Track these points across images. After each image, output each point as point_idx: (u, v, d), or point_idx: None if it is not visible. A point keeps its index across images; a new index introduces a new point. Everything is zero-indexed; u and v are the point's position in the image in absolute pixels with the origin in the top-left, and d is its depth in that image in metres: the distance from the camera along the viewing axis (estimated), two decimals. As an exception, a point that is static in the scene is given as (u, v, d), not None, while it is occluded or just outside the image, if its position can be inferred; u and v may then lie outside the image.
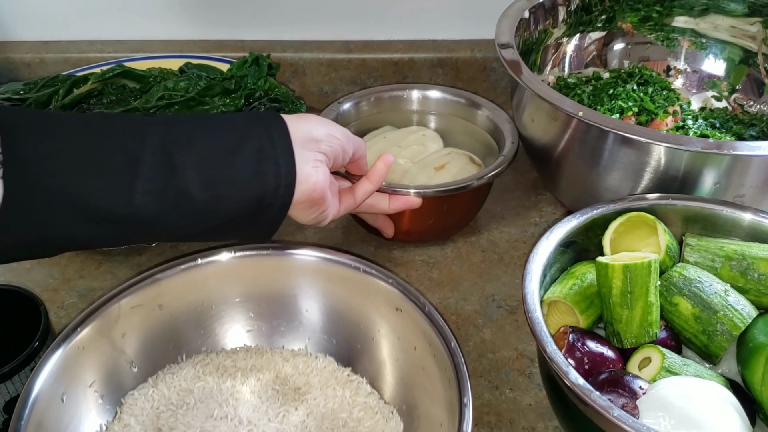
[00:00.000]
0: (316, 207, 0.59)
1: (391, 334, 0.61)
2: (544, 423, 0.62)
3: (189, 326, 0.63)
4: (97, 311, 0.58)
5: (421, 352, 0.58)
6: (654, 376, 0.52)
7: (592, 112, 0.66)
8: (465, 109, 0.88)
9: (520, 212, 0.85)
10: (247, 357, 0.63)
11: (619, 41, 0.93)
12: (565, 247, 0.60)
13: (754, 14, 0.87)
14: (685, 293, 0.56)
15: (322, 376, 0.62)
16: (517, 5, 0.83)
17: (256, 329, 0.65)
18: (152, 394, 0.59)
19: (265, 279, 0.64)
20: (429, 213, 0.75)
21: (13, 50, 1.01)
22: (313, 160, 0.57)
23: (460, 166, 0.81)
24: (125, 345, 0.60)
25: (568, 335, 0.54)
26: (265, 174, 0.54)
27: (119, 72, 0.82)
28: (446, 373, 0.54)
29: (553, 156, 0.75)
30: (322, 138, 0.58)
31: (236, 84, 0.81)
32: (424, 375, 0.58)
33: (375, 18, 1.02)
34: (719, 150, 0.61)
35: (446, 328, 0.56)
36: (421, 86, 0.89)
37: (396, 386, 0.61)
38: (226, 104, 0.78)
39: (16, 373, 0.56)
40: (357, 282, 0.62)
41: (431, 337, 0.56)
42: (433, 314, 0.57)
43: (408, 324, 0.59)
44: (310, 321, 0.65)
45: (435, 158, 0.82)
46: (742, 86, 0.89)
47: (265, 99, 0.80)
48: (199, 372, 0.61)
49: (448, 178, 0.78)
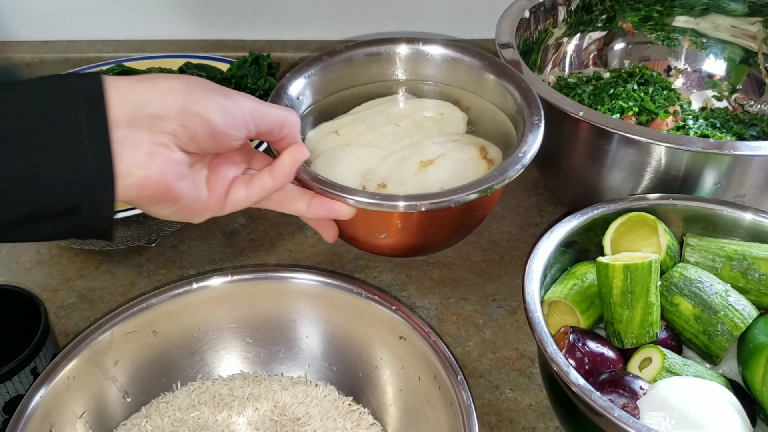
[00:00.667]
0: (166, 203, 0.45)
1: (394, 363, 0.59)
2: (544, 423, 0.62)
3: (184, 353, 0.61)
4: (88, 338, 0.55)
5: (426, 384, 0.56)
6: (654, 377, 0.52)
7: (592, 112, 0.66)
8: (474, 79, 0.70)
9: (521, 212, 0.85)
10: (245, 385, 0.61)
11: (620, 41, 0.93)
12: (566, 247, 0.60)
13: (754, 14, 0.87)
14: (685, 293, 0.56)
15: (323, 406, 0.59)
16: (517, 5, 0.83)
17: (254, 355, 0.63)
18: (145, 424, 0.57)
19: (263, 304, 0.62)
20: (388, 228, 0.60)
21: (13, 50, 1.00)
22: (149, 144, 0.42)
23: (461, 160, 0.62)
24: (118, 373, 0.58)
25: (568, 335, 0.54)
26: (59, 168, 0.39)
27: (119, 72, 0.82)
28: (452, 407, 0.51)
29: (554, 156, 0.75)
30: (170, 113, 0.42)
31: (236, 84, 0.81)
32: (428, 407, 0.55)
33: (375, 18, 1.02)
34: (720, 150, 0.61)
35: (452, 359, 0.54)
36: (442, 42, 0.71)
37: (400, 418, 0.58)
38: None
39: (16, 373, 0.56)
40: (359, 308, 0.59)
41: (437, 368, 0.54)
42: (439, 344, 0.55)
43: (412, 353, 0.57)
44: (310, 347, 0.63)
45: (429, 146, 0.63)
46: (742, 86, 0.89)
47: (265, 99, 0.80)
48: (194, 401, 0.59)
49: (435, 179, 0.60)
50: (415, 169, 0.61)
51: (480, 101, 0.70)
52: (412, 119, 0.67)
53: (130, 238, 0.74)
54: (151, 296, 0.59)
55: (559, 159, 0.74)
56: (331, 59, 0.69)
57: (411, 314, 0.57)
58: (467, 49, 0.70)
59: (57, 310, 0.72)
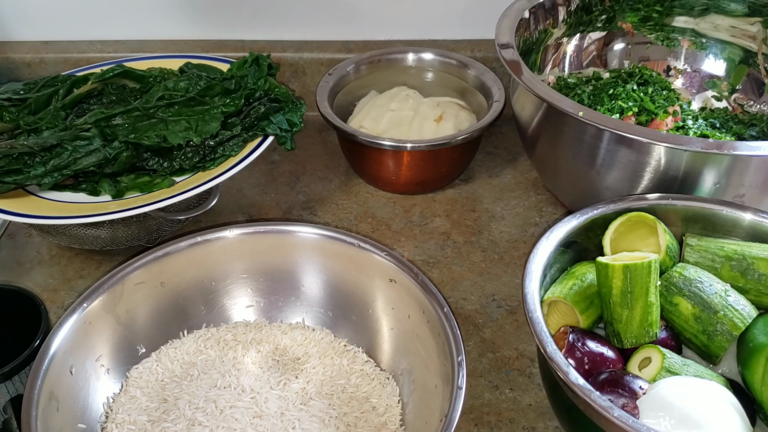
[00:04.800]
0: None
1: (385, 304, 0.64)
2: (544, 423, 0.62)
3: (190, 303, 0.66)
4: (102, 287, 0.60)
5: (415, 320, 0.60)
6: (654, 376, 0.52)
7: (592, 112, 0.66)
8: (456, 69, 0.95)
9: (520, 212, 0.85)
10: (247, 331, 0.66)
11: (619, 41, 0.93)
12: (566, 247, 0.60)
13: (754, 14, 0.87)
14: (685, 293, 0.56)
15: (320, 347, 0.64)
16: (517, 5, 0.83)
17: (255, 305, 0.68)
18: (156, 367, 0.62)
19: (264, 256, 0.67)
20: (448, 160, 0.83)
21: (13, 50, 1.00)
22: None
23: (455, 113, 0.87)
24: (129, 321, 0.62)
25: (568, 335, 0.54)
26: None
27: (119, 72, 0.81)
28: (440, 337, 0.57)
29: (553, 156, 0.75)
30: None
31: (236, 84, 0.80)
32: (418, 341, 0.60)
33: (375, 18, 1.02)
34: (719, 150, 0.61)
35: (439, 295, 0.59)
36: (415, 48, 0.96)
37: (391, 354, 0.63)
38: (226, 104, 0.77)
39: (16, 373, 0.56)
40: (353, 257, 0.64)
41: (425, 304, 0.59)
42: (426, 283, 0.60)
43: (402, 294, 0.62)
44: (307, 296, 0.67)
45: (428, 110, 0.87)
46: (742, 86, 0.89)
47: (265, 99, 0.79)
48: (201, 346, 0.64)
49: (450, 126, 0.85)
50: (435, 125, 0.85)
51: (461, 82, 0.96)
52: (395, 101, 0.91)
53: (131, 237, 0.74)
54: (160, 249, 0.63)
55: (558, 159, 0.74)
56: None
57: (400, 258, 0.63)
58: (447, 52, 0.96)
59: (57, 310, 0.72)
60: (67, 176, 0.71)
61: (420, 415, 0.58)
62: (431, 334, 0.58)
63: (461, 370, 0.53)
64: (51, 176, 0.70)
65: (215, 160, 0.74)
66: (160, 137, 0.72)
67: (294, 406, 0.58)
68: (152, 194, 0.70)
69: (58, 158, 0.70)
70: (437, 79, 0.96)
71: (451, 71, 0.95)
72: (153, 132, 0.73)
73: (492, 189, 0.88)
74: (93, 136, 0.72)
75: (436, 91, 0.94)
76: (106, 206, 0.69)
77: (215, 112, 0.75)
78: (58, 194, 0.72)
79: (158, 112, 0.76)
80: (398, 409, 0.60)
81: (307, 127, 1.00)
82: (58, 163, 0.70)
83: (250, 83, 0.81)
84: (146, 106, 0.76)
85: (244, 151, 0.75)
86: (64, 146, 0.71)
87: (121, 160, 0.72)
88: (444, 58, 0.95)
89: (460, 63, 0.94)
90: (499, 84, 0.88)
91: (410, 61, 0.96)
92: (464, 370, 0.53)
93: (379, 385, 0.61)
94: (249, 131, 0.76)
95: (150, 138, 0.72)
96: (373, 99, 0.92)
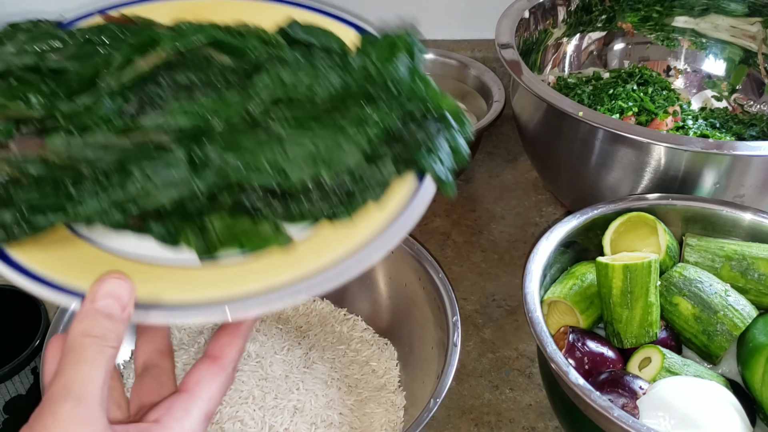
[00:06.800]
0: None
1: (383, 275, 0.66)
2: (544, 423, 0.62)
3: None
4: None
5: (412, 288, 0.63)
6: (654, 376, 0.52)
7: (592, 112, 0.66)
8: (456, 69, 0.95)
9: (521, 212, 0.85)
10: None
11: (619, 41, 0.93)
12: (566, 247, 0.60)
13: (754, 14, 0.87)
14: (685, 293, 0.56)
15: (321, 316, 0.67)
16: (517, 5, 0.83)
17: None
18: None
19: None
20: None
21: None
22: None
23: None
24: None
25: (568, 335, 0.54)
26: None
27: (206, 42, 0.51)
28: (435, 302, 0.60)
29: (553, 156, 0.75)
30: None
31: (384, 86, 0.50)
32: (414, 307, 0.63)
33: (375, 18, 1.01)
34: (719, 150, 0.61)
35: (434, 262, 0.62)
36: None
37: (389, 321, 0.66)
38: (369, 119, 0.48)
39: (16, 373, 0.56)
40: None
41: (420, 272, 0.62)
42: (422, 251, 0.62)
43: (398, 264, 0.64)
44: None
45: None
46: (742, 86, 0.89)
47: (426, 115, 0.50)
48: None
49: None
50: None
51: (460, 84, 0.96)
52: None
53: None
54: None
55: (558, 159, 0.74)
56: None
57: None
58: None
59: (57, 309, 0.72)
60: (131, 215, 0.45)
61: (417, 377, 0.61)
62: (427, 300, 0.61)
63: (456, 329, 0.56)
64: (107, 216, 0.43)
65: (350, 206, 0.49)
66: (275, 169, 0.46)
67: (297, 369, 0.61)
68: (263, 263, 0.45)
69: (121, 189, 0.44)
70: (437, 79, 0.94)
71: (451, 71, 0.95)
72: (262, 155, 0.46)
73: (492, 189, 0.88)
74: (176, 157, 0.46)
75: (435, 91, 0.94)
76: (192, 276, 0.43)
77: (355, 133, 0.48)
78: (115, 238, 0.46)
79: (270, 122, 0.49)
80: (397, 371, 0.62)
81: (307, 127, 1.00)
82: (121, 197, 0.44)
83: (405, 87, 0.52)
84: (253, 108, 0.49)
85: (392, 197, 0.48)
86: (128, 167, 0.44)
87: (217, 203, 0.47)
88: (444, 58, 0.95)
89: (460, 63, 0.94)
90: (499, 84, 0.88)
91: None
92: (459, 330, 0.56)
93: (378, 350, 0.64)
94: (399, 164, 0.49)
95: (262, 172, 0.46)
96: None
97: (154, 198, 0.44)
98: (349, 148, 0.47)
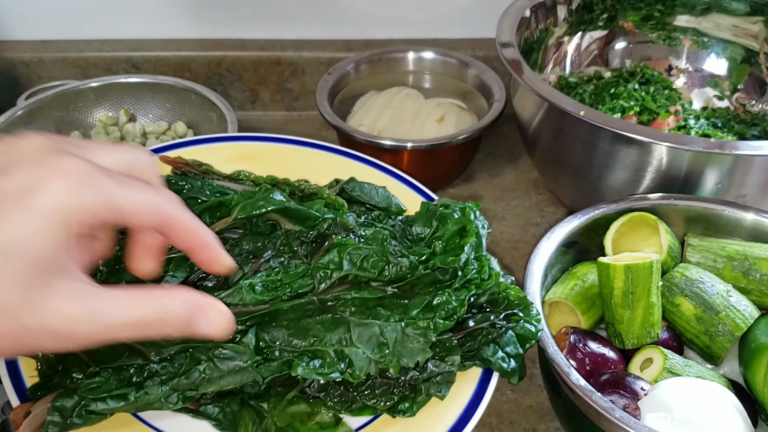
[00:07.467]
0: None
1: None
2: (545, 424, 0.62)
3: None
4: None
5: None
6: (656, 377, 0.52)
7: (593, 112, 0.65)
8: (457, 68, 0.95)
9: (521, 212, 0.85)
10: None
11: (621, 40, 0.93)
12: (567, 247, 0.60)
13: (756, 13, 0.86)
14: (687, 294, 0.56)
15: None
16: (518, 4, 0.83)
17: None
18: None
19: None
20: (448, 160, 0.84)
21: (11, 50, 1.00)
22: None
23: (456, 114, 0.88)
24: None
25: (569, 336, 0.54)
26: None
27: (276, 208, 0.49)
28: None
29: (555, 156, 0.75)
30: None
31: (451, 272, 0.47)
32: None
33: (375, 17, 1.01)
34: (721, 150, 0.61)
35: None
36: (416, 47, 0.96)
37: None
38: (438, 309, 0.45)
39: (14, 373, 0.56)
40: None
41: None
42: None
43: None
44: None
45: (430, 110, 0.88)
46: (744, 85, 0.88)
47: (498, 309, 0.49)
48: None
49: (451, 127, 0.85)
50: (437, 126, 0.86)
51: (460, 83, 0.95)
52: (395, 101, 0.91)
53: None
54: None
55: (559, 159, 0.74)
56: None
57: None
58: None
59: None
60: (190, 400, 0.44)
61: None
62: None
63: None
64: (167, 402, 0.43)
65: (414, 401, 0.46)
66: (341, 358, 0.43)
67: None
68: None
69: (184, 377, 0.42)
70: (437, 78, 0.96)
71: (452, 70, 0.95)
72: (328, 343, 0.44)
73: (493, 189, 0.88)
74: (244, 342, 0.43)
75: (436, 90, 0.94)
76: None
77: (423, 325, 0.44)
78: (172, 421, 0.45)
79: (338, 305, 0.45)
80: None
81: (307, 126, 1.00)
82: (183, 384, 0.42)
83: (474, 274, 0.47)
84: (323, 293, 0.46)
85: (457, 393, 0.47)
86: (196, 354, 0.43)
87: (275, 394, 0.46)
88: (444, 57, 0.95)
89: (461, 62, 0.94)
90: (500, 83, 0.88)
91: (410, 60, 0.96)
92: None
93: None
94: (465, 359, 0.48)
95: (329, 364, 0.43)
96: (373, 98, 0.92)
97: (213, 384, 0.43)
98: (417, 339, 0.44)
